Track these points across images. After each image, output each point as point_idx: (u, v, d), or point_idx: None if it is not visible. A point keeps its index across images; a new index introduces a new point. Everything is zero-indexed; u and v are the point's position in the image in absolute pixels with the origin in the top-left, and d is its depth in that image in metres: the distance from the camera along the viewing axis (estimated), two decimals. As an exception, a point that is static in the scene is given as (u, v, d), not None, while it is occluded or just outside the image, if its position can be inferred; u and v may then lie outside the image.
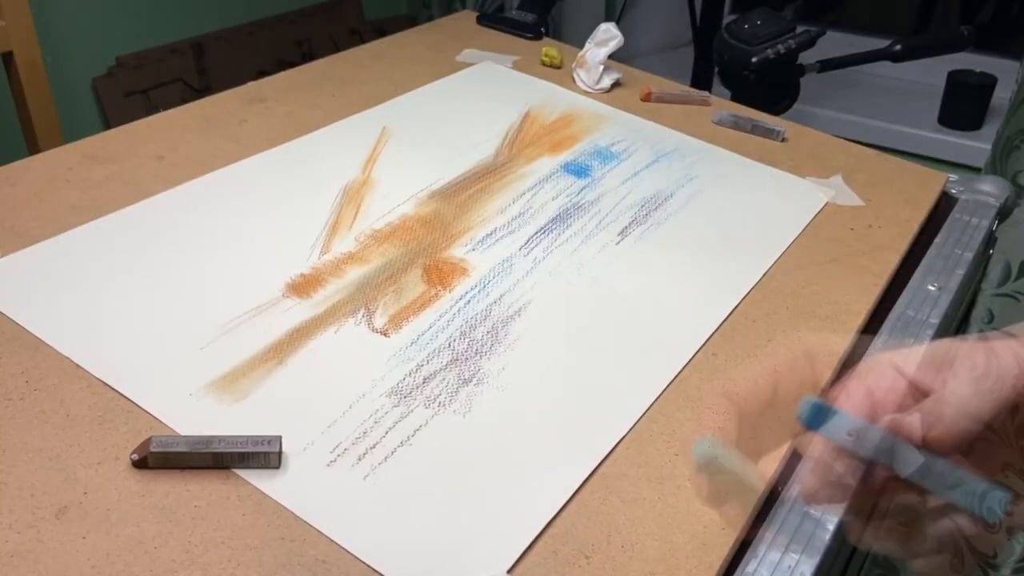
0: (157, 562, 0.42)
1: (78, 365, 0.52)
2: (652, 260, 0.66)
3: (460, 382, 0.54)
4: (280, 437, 0.47)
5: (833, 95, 1.55)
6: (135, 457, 0.46)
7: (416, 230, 0.67)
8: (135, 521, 0.43)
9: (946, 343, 0.46)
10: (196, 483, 0.46)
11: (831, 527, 0.47)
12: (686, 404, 0.54)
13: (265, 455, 0.46)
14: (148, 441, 0.46)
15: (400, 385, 0.53)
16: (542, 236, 0.68)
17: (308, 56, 1.65)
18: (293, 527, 0.44)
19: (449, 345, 0.56)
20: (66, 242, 0.62)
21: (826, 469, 0.43)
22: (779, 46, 1.09)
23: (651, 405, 0.54)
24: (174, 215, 0.66)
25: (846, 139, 0.88)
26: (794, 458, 0.52)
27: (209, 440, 0.47)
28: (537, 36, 1.04)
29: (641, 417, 0.53)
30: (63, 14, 1.30)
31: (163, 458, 0.46)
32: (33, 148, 1.12)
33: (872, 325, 0.64)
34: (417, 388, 0.53)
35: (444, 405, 0.52)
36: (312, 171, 0.73)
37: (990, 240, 0.79)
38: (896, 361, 0.46)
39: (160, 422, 0.49)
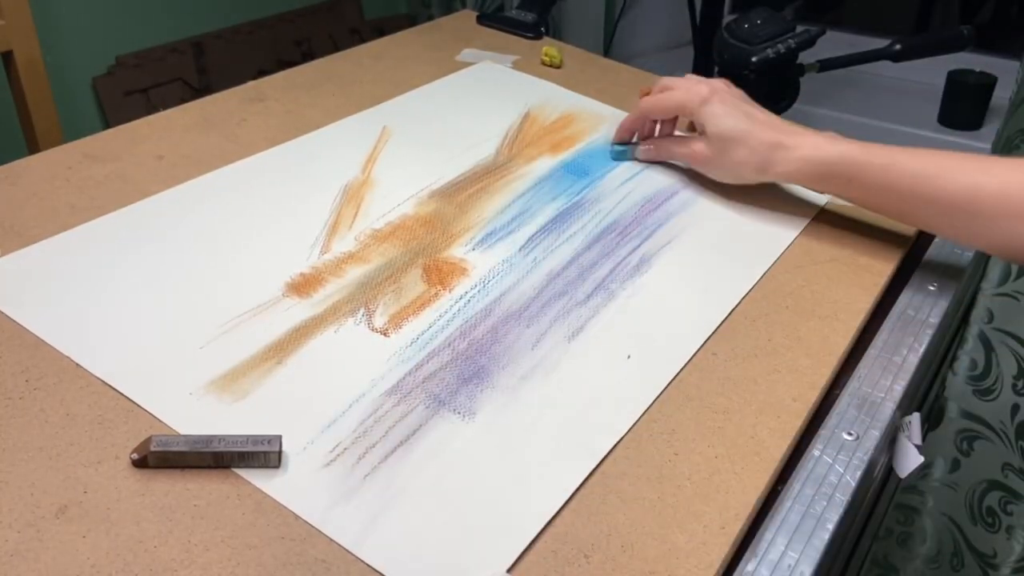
0: (157, 561, 0.42)
1: (78, 364, 0.52)
2: (652, 260, 0.66)
3: (460, 381, 0.54)
4: (280, 436, 0.47)
5: (833, 95, 1.55)
6: (135, 456, 0.46)
7: (416, 230, 0.67)
8: (135, 520, 0.43)
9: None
10: (196, 482, 0.46)
11: (831, 527, 0.47)
12: (686, 404, 0.54)
13: (265, 454, 0.46)
14: (148, 440, 0.46)
15: (400, 384, 0.53)
16: (542, 236, 0.68)
17: (308, 55, 1.66)
18: (293, 527, 0.44)
19: (449, 345, 0.56)
20: (66, 241, 0.62)
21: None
22: (779, 46, 1.09)
23: (651, 405, 0.54)
24: (174, 214, 0.66)
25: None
26: (793, 459, 0.52)
27: (209, 439, 0.47)
28: (537, 36, 1.04)
29: (641, 417, 0.53)
30: (63, 13, 1.30)
31: (163, 457, 0.46)
32: (33, 147, 1.12)
33: (872, 324, 0.64)
34: (417, 387, 0.53)
35: (444, 404, 0.52)
36: (312, 170, 0.73)
37: (990, 240, 0.79)
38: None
39: (160, 421, 0.49)
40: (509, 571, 0.43)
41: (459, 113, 0.85)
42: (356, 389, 0.52)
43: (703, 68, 1.45)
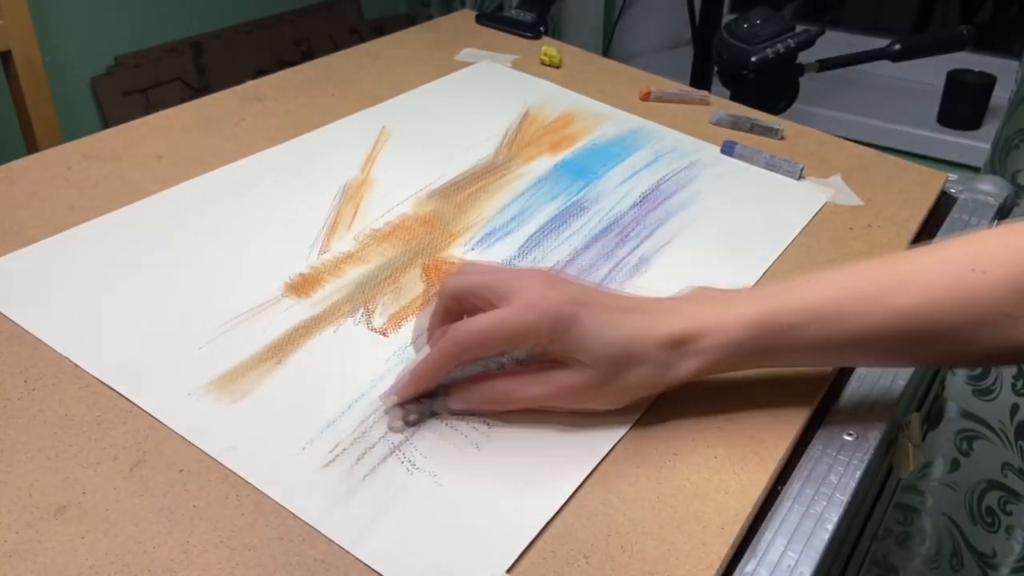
0: (156, 562, 0.42)
1: (76, 365, 0.52)
2: (651, 260, 0.66)
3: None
4: None
5: (832, 95, 1.55)
6: None
7: (415, 229, 0.67)
8: (134, 521, 0.43)
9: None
10: (195, 483, 0.46)
11: (831, 527, 0.47)
12: (685, 404, 0.54)
13: None
14: None
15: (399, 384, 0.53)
16: (541, 236, 0.68)
17: (307, 55, 1.66)
18: (292, 527, 0.44)
19: (448, 345, 0.56)
20: (65, 241, 0.62)
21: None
22: (778, 45, 1.09)
23: (651, 405, 0.54)
24: (173, 214, 0.66)
25: (845, 139, 0.88)
26: (793, 459, 0.52)
27: None
28: (536, 35, 1.04)
29: (640, 417, 0.53)
30: (62, 13, 1.30)
31: None
32: (32, 147, 1.12)
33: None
34: (416, 388, 0.53)
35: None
36: (311, 170, 0.73)
37: (989, 240, 0.79)
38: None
39: (159, 422, 0.49)
40: (509, 571, 0.43)
41: (458, 113, 0.85)
42: (355, 389, 0.52)
43: (703, 68, 1.45)
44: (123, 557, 0.42)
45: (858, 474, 0.50)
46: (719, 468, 0.50)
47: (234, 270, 0.61)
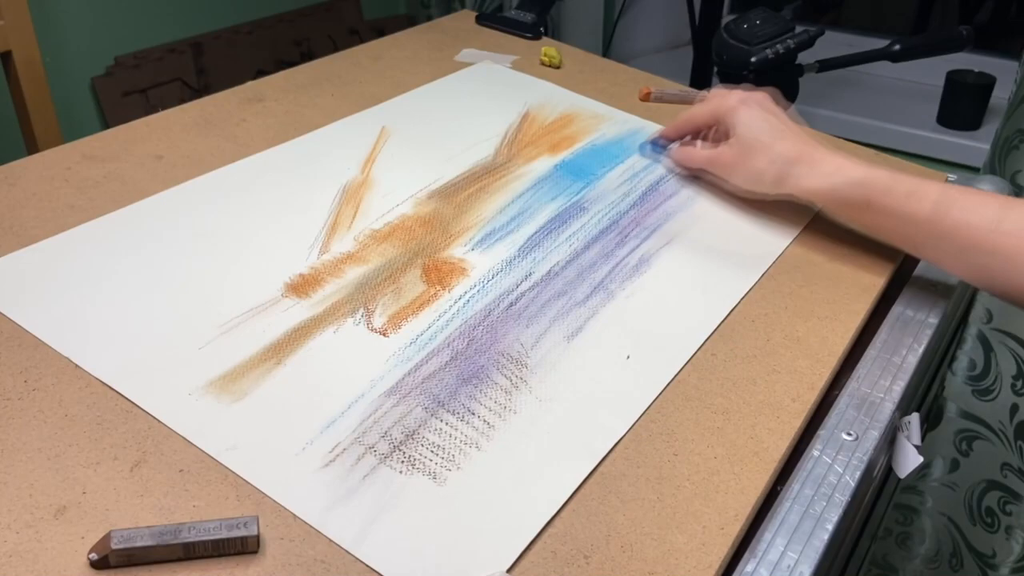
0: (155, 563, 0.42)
1: (77, 365, 0.52)
2: (651, 260, 0.66)
3: (459, 382, 0.54)
4: (257, 517, 0.43)
5: (832, 95, 1.55)
6: (93, 556, 0.41)
7: (415, 230, 0.67)
8: (134, 521, 0.43)
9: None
10: (195, 484, 0.46)
11: (830, 527, 0.47)
12: (685, 404, 0.54)
13: (243, 540, 0.42)
14: (107, 537, 0.41)
15: (399, 385, 0.53)
16: (541, 236, 0.68)
17: (307, 56, 1.66)
18: (292, 527, 0.44)
19: (448, 345, 0.56)
20: (65, 242, 0.62)
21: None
22: (778, 46, 1.09)
23: (650, 405, 0.54)
24: (173, 215, 0.66)
25: (845, 139, 0.88)
26: (792, 459, 0.52)
27: (178, 529, 0.42)
28: (536, 36, 1.04)
29: (640, 417, 0.53)
30: (62, 14, 1.30)
31: (127, 555, 0.41)
32: (32, 148, 1.12)
33: (871, 325, 0.64)
34: (416, 388, 0.53)
35: (443, 405, 0.52)
36: (311, 171, 0.73)
37: (989, 240, 0.79)
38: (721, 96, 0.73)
39: (159, 422, 0.49)
40: (509, 571, 0.43)
41: (458, 113, 0.85)
42: (355, 389, 0.52)
43: (702, 68, 1.45)
44: (123, 557, 0.42)
45: (857, 474, 0.50)
46: (719, 468, 0.50)
47: (234, 270, 0.61)
